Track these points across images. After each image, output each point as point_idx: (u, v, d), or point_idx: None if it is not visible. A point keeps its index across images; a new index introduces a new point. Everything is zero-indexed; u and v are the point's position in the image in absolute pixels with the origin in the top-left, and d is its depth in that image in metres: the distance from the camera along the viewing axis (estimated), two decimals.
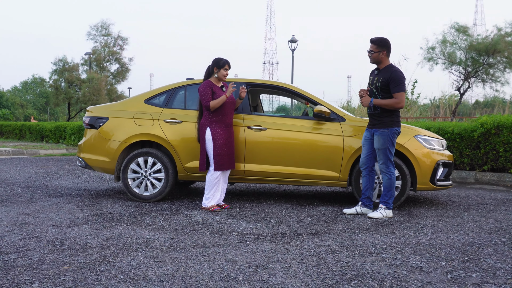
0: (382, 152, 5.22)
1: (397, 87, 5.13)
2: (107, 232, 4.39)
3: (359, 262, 3.56)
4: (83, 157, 6.33)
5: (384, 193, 5.29)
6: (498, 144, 8.49)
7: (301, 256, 3.68)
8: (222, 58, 5.60)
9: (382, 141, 5.20)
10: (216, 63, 5.58)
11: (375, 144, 5.27)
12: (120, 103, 6.48)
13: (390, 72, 5.18)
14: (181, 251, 3.81)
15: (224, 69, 5.56)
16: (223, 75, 5.57)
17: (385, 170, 5.25)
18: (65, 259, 3.55)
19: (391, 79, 5.14)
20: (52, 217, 5.06)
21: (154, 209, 5.54)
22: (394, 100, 5.14)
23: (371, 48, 5.29)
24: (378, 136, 5.23)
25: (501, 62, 16.26)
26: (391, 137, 5.20)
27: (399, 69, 5.22)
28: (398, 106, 5.14)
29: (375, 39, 5.30)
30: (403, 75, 5.19)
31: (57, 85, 31.34)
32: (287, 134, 5.86)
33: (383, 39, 5.29)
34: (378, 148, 5.24)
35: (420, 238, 4.30)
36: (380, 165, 5.28)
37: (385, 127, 5.20)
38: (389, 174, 5.23)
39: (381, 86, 5.20)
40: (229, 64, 5.60)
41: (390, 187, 5.25)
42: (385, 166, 5.24)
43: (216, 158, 5.45)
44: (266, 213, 5.39)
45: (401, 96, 5.13)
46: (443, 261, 3.61)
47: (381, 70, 5.29)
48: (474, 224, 4.97)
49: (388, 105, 5.16)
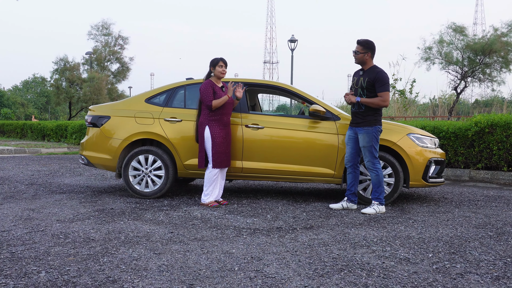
0: (368, 150, 5.42)
1: (382, 87, 5.38)
2: (109, 226, 4.57)
3: (349, 254, 3.73)
4: (86, 155, 6.51)
5: (374, 189, 5.48)
6: (492, 143, 8.66)
7: (295, 249, 3.86)
8: (217, 57, 5.79)
9: (367, 139, 5.41)
10: (211, 63, 5.78)
11: (361, 142, 5.47)
12: (121, 102, 6.65)
13: (375, 72, 5.43)
14: (180, 244, 3.98)
15: (219, 66, 5.74)
16: (220, 72, 5.75)
17: (371, 167, 5.43)
18: (70, 251, 3.72)
19: (376, 79, 5.39)
20: (56, 212, 5.23)
21: (155, 205, 5.72)
22: (380, 99, 5.38)
23: (357, 49, 5.52)
24: (363, 134, 5.44)
25: (497, 62, 16.43)
26: (375, 135, 5.44)
27: (383, 70, 5.48)
28: (384, 104, 5.38)
29: (361, 40, 5.53)
30: (387, 76, 5.45)
31: (58, 84, 31.55)
32: (283, 132, 6.04)
33: (369, 41, 5.53)
34: (363, 146, 5.44)
35: (410, 232, 4.48)
36: (366, 162, 5.47)
37: (369, 125, 5.43)
38: (376, 171, 5.42)
39: (366, 86, 5.44)
40: (223, 61, 5.78)
41: (379, 183, 5.44)
42: (372, 163, 5.43)
43: (214, 156, 5.62)
44: (263, 209, 5.56)
45: (386, 95, 5.39)
46: (430, 253, 3.78)
47: (366, 71, 5.53)
48: (464, 219, 5.14)
49: (374, 104, 5.39)
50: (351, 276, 3.19)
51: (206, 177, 5.70)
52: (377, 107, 5.43)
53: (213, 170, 5.67)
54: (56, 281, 3.04)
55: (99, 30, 33.89)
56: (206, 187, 5.71)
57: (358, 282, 3.07)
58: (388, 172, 5.86)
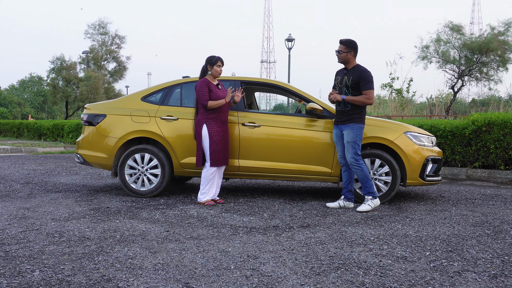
0: (351, 145, 5.44)
1: (367, 85, 5.45)
2: (104, 225, 4.53)
3: (346, 252, 3.71)
4: (81, 154, 6.47)
5: (363, 185, 5.48)
6: (489, 141, 8.65)
7: (291, 247, 3.83)
8: (215, 55, 5.75)
9: (352, 135, 5.44)
10: (209, 61, 5.73)
11: (346, 137, 5.49)
12: (117, 100, 6.62)
13: (360, 71, 5.49)
14: (176, 242, 3.95)
15: (217, 65, 5.70)
16: (217, 71, 5.72)
17: (355, 163, 5.43)
18: (64, 250, 3.69)
19: (361, 78, 5.44)
20: (51, 211, 5.20)
21: (151, 204, 5.69)
22: (365, 97, 5.44)
23: (340, 48, 5.56)
24: (348, 130, 5.47)
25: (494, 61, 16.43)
26: (360, 132, 5.49)
27: (367, 69, 5.54)
28: (368, 102, 5.46)
29: (344, 40, 5.58)
30: (371, 74, 5.52)
31: (55, 83, 31.47)
32: (280, 130, 6.01)
33: (352, 41, 5.58)
34: (347, 141, 5.47)
35: (408, 231, 4.46)
36: (349, 158, 5.46)
37: (355, 122, 5.47)
38: (360, 166, 5.43)
39: (351, 84, 5.48)
40: (221, 61, 5.75)
41: (366, 177, 5.44)
42: (355, 160, 5.43)
43: (212, 154, 5.59)
44: (260, 208, 5.53)
45: (371, 93, 5.46)
46: (427, 251, 3.76)
47: (350, 70, 5.57)
48: (461, 217, 5.12)
49: (360, 101, 5.43)
50: (348, 275, 3.17)
51: (203, 176, 5.68)
52: (362, 105, 5.47)
53: (210, 169, 5.64)
54: (50, 280, 3.01)
55: (96, 29, 33.82)
56: (203, 186, 5.68)
57: (355, 281, 3.05)
58: (385, 171, 5.84)
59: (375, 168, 5.86)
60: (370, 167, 5.87)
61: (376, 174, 5.86)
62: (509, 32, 15.81)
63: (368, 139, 5.88)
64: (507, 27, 15.97)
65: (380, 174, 5.86)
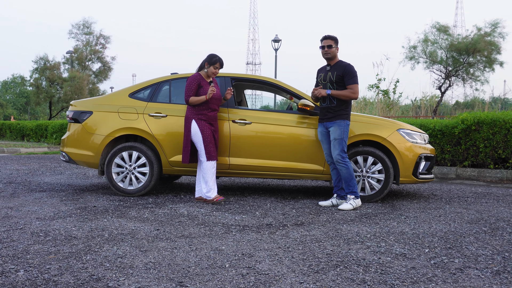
0: (338, 142, 5.35)
1: (352, 80, 5.36)
2: (92, 224, 4.37)
3: (344, 250, 3.60)
4: (67, 152, 6.28)
5: (347, 184, 5.38)
6: (478, 140, 8.64)
7: (287, 245, 3.71)
8: (217, 55, 5.60)
9: (339, 131, 5.35)
10: (208, 60, 5.59)
11: (332, 134, 5.39)
12: (104, 97, 6.45)
13: (344, 66, 5.42)
14: (167, 241, 3.81)
15: (215, 67, 5.57)
16: (212, 72, 5.59)
17: (341, 160, 5.34)
18: (50, 249, 3.53)
19: (345, 73, 5.37)
20: (35, 210, 5.01)
21: (139, 203, 5.53)
22: (350, 91, 5.35)
23: (330, 43, 5.47)
24: (335, 127, 5.37)
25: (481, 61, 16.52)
26: (346, 129, 5.40)
27: (350, 64, 5.46)
28: (354, 96, 5.36)
29: (331, 35, 5.53)
30: (355, 69, 5.45)
31: (38, 83, 30.97)
32: (271, 128, 5.89)
33: (336, 36, 5.53)
34: (334, 138, 5.37)
35: (404, 228, 4.37)
36: (335, 155, 5.36)
37: (341, 119, 5.38)
38: (345, 164, 5.34)
39: (336, 80, 5.40)
40: (221, 63, 5.60)
41: (350, 176, 5.35)
42: (341, 157, 5.34)
43: (206, 149, 5.46)
44: (251, 206, 5.41)
45: (356, 88, 5.37)
46: (426, 248, 3.67)
47: (333, 66, 5.50)
48: (456, 215, 5.05)
49: (345, 96, 5.34)
50: (348, 272, 3.06)
51: (204, 172, 5.50)
52: (347, 99, 5.38)
53: (208, 163, 5.49)
54: (35, 280, 2.85)
55: (80, 28, 33.36)
56: (208, 182, 5.49)
57: (356, 278, 2.94)
58: (378, 168, 5.75)
59: (368, 166, 5.77)
60: (362, 164, 5.78)
61: (369, 172, 5.78)
62: (495, 33, 15.93)
63: (360, 136, 5.79)
64: (493, 27, 16.08)
65: (373, 172, 5.78)
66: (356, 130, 5.79)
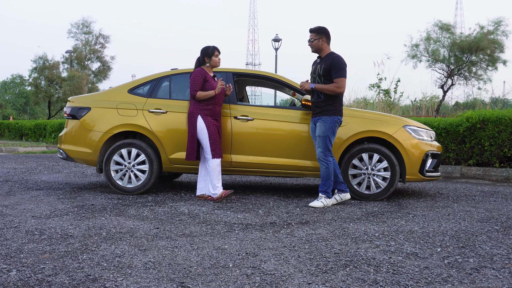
0: (322, 140, 5.17)
1: (338, 73, 5.13)
2: (89, 222, 4.21)
3: (352, 249, 3.44)
4: (64, 149, 6.12)
5: (322, 182, 5.23)
6: (484, 139, 8.49)
7: (293, 244, 3.56)
8: (210, 45, 5.47)
9: (323, 129, 5.16)
10: (205, 53, 5.44)
11: (317, 131, 5.22)
12: (102, 93, 6.29)
13: (331, 58, 5.20)
14: (167, 240, 3.65)
15: (215, 55, 5.44)
16: (216, 61, 5.46)
17: (323, 158, 5.18)
18: (45, 248, 3.37)
19: (332, 65, 5.15)
20: (31, 208, 4.86)
21: (138, 201, 5.37)
22: (334, 85, 5.11)
23: (310, 37, 5.30)
24: (320, 123, 5.19)
25: (484, 60, 16.35)
26: (333, 126, 5.19)
27: (340, 56, 5.24)
28: (339, 91, 5.12)
29: (314, 28, 5.33)
30: (344, 62, 5.22)
31: (37, 83, 30.79)
32: (274, 124, 5.73)
33: (322, 27, 5.32)
34: (318, 135, 5.20)
35: (412, 227, 4.21)
36: (318, 152, 5.21)
37: (327, 114, 5.18)
38: (327, 163, 5.18)
39: (323, 73, 5.20)
40: (218, 50, 5.48)
41: (328, 176, 5.20)
42: (323, 155, 5.18)
43: (212, 146, 5.31)
44: (254, 204, 5.25)
45: (342, 82, 5.12)
46: (438, 247, 3.51)
47: (323, 58, 5.29)
48: (465, 213, 4.90)
49: (329, 90, 5.12)
50: (358, 272, 2.90)
51: (210, 170, 5.35)
52: (332, 94, 5.14)
53: (214, 161, 5.33)
54: (28, 280, 2.69)
55: (79, 28, 33.14)
56: (214, 181, 5.34)
57: (367, 279, 2.78)
58: (384, 166, 5.59)
59: (373, 164, 5.62)
60: (368, 162, 5.62)
61: (375, 169, 5.62)
62: (498, 31, 15.77)
63: (365, 133, 5.64)
64: (496, 26, 15.92)
65: (378, 170, 5.62)
66: (361, 126, 5.63)
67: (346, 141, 5.62)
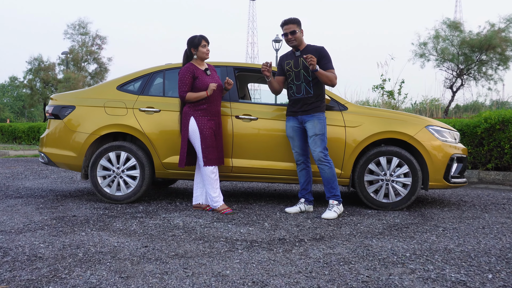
0: (320, 138, 4.61)
1: (330, 63, 4.67)
2: (65, 239, 3.57)
3: (383, 275, 2.80)
4: (46, 152, 5.48)
5: (329, 186, 4.65)
6: (503, 141, 7.87)
7: (309, 268, 2.92)
8: (196, 35, 4.83)
9: (320, 126, 4.63)
10: (191, 43, 4.80)
11: (312, 129, 4.63)
12: (89, 90, 5.65)
13: (318, 49, 4.72)
14: (156, 262, 3.01)
15: (202, 46, 4.78)
16: (203, 52, 4.80)
17: (323, 159, 4.61)
18: (4, 275, 2.73)
19: (321, 56, 4.66)
20: (3, 221, 4.22)
21: (127, 212, 4.73)
22: (334, 75, 4.63)
23: (292, 29, 4.69)
24: (314, 121, 4.63)
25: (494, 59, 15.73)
26: (325, 123, 4.71)
27: (323, 46, 4.75)
28: (336, 81, 4.67)
29: (292, 18, 4.75)
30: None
31: (32, 85, 30.18)
32: (280, 124, 5.10)
33: (297, 18, 4.77)
34: (315, 134, 4.62)
35: (447, 244, 3.57)
36: (317, 153, 4.61)
37: (320, 111, 4.68)
38: (329, 163, 4.63)
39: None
40: (205, 39, 4.83)
41: (333, 176, 4.64)
42: (324, 155, 4.61)
43: (204, 152, 4.66)
44: (258, 216, 4.62)
45: (335, 73, 4.67)
46: (487, 272, 2.87)
47: (303, 51, 4.74)
48: (502, 226, 4.26)
49: (329, 78, 4.59)
50: None
51: (205, 179, 4.72)
52: (329, 84, 4.64)
53: (206, 169, 4.69)
54: None
55: (75, 29, 32.56)
56: (212, 191, 4.71)
57: None
58: (404, 171, 4.96)
59: (392, 168, 4.98)
60: (386, 167, 4.99)
61: (394, 175, 4.98)
62: (510, 28, 15.16)
63: (383, 134, 5.01)
64: (508, 23, 15.31)
65: (398, 175, 4.99)
66: (378, 127, 5.01)
67: (361, 143, 4.99)
